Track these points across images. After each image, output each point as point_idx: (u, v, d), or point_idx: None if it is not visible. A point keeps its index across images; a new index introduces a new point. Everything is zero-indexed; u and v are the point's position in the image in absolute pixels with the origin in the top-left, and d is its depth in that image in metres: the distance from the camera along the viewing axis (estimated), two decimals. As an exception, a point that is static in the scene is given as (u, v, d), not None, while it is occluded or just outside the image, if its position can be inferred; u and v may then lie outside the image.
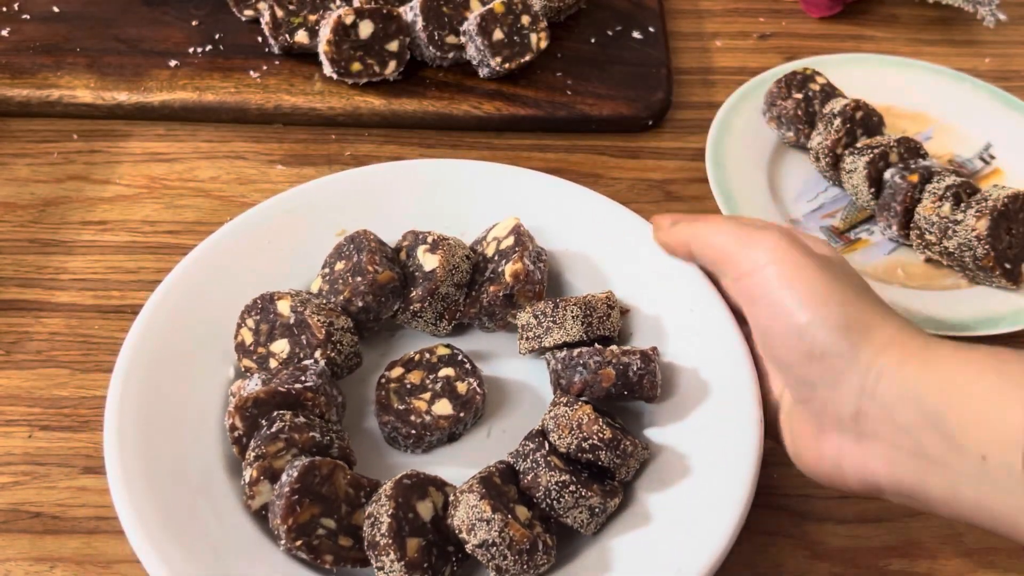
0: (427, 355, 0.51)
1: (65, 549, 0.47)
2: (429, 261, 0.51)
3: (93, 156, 0.66)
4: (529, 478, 0.43)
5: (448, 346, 0.51)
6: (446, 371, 0.50)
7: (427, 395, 0.49)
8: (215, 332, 0.50)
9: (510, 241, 0.52)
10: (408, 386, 0.50)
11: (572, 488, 0.43)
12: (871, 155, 0.61)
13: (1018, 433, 0.30)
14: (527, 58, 0.69)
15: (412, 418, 0.48)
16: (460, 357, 0.51)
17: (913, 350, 0.36)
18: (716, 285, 0.50)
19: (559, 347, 0.49)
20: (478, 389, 0.49)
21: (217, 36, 0.72)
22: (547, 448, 0.44)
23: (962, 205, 0.58)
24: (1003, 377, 0.32)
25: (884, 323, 0.38)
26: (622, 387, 0.47)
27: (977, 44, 0.80)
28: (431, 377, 0.50)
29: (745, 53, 0.78)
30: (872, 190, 0.62)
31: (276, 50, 0.71)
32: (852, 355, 0.38)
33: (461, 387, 0.49)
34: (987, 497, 0.32)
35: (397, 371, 0.50)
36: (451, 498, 0.43)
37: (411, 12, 0.69)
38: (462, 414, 0.49)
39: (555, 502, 0.43)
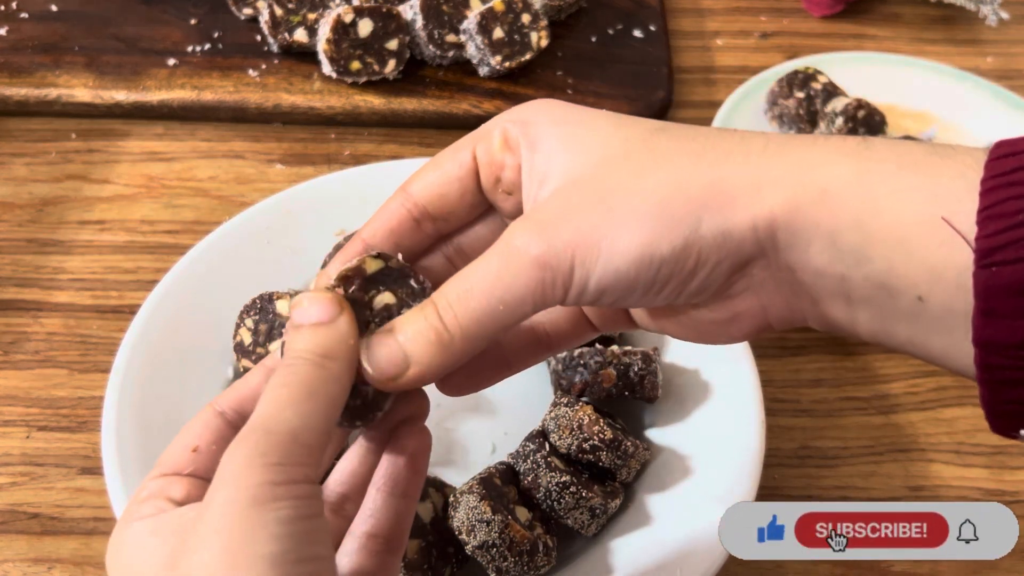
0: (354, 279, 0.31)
1: (63, 550, 0.47)
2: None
3: (91, 155, 0.66)
4: (530, 479, 0.43)
5: (380, 256, 0.31)
6: (384, 298, 0.31)
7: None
8: (214, 332, 0.50)
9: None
10: None
11: (573, 489, 0.42)
12: (873, 154, 0.61)
13: (956, 272, 0.25)
14: (527, 57, 0.68)
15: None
16: (403, 271, 0.32)
17: (796, 184, 0.28)
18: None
19: (560, 347, 0.49)
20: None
21: (216, 35, 0.72)
22: (548, 449, 0.44)
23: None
24: (933, 198, 0.26)
25: (729, 174, 0.29)
26: (623, 387, 0.47)
27: (979, 43, 0.79)
28: (367, 314, 0.31)
29: (747, 52, 0.77)
30: (874, 189, 0.61)
31: (275, 49, 0.70)
32: (719, 233, 0.28)
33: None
34: (921, 335, 0.27)
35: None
36: (451, 499, 0.42)
37: (411, 11, 0.68)
38: None
39: (556, 503, 0.43)
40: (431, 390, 0.34)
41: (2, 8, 0.73)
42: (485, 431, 0.50)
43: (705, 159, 0.29)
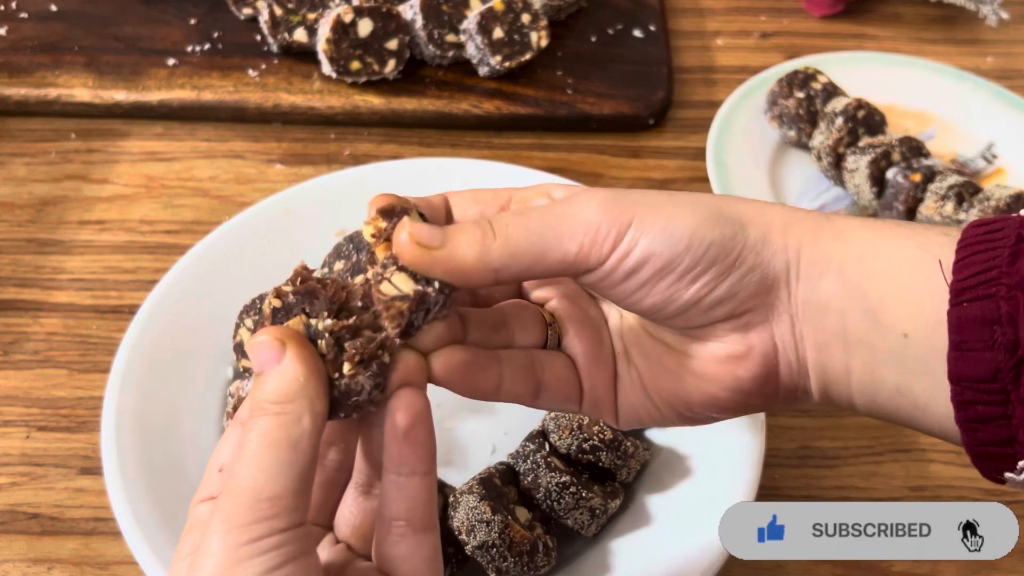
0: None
1: (63, 550, 0.47)
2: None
3: (91, 155, 0.66)
4: (529, 479, 0.43)
5: (423, 216, 0.33)
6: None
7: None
8: (213, 332, 0.50)
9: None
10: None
11: (573, 489, 0.42)
12: (873, 154, 0.61)
13: (940, 307, 0.29)
14: (527, 57, 0.68)
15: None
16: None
17: (818, 222, 0.32)
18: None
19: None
20: None
21: (215, 34, 0.72)
22: (548, 449, 0.44)
23: (964, 205, 0.58)
24: (922, 246, 0.30)
25: (768, 207, 0.33)
26: (623, 387, 0.47)
27: (980, 43, 0.79)
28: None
29: (747, 52, 0.77)
30: (874, 189, 0.61)
31: (275, 49, 0.70)
32: (759, 240, 0.31)
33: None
34: (906, 379, 0.30)
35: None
36: (451, 499, 0.42)
37: (411, 10, 0.68)
38: (429, 289, 0.31)
39: (556, 503, 0.43)
40: (431, 391, 0.33)
41: (2, 8, 0.73)
42: (485, 431, 0.50)
43: (749, 201, 0.33)
